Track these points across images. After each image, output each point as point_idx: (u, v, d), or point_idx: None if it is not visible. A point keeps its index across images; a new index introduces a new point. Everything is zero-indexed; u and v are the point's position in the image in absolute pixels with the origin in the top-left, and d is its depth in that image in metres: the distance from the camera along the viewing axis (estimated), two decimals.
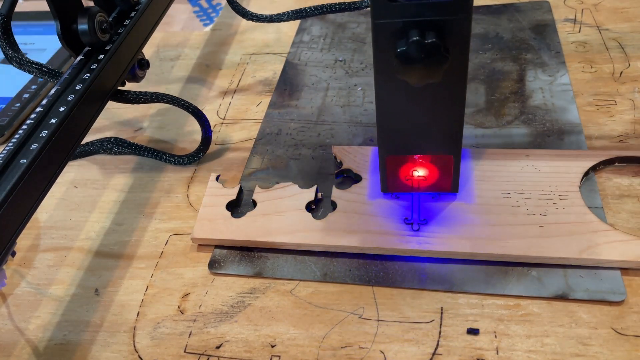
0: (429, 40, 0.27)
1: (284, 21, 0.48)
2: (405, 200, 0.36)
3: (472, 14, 0.27)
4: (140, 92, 0.41)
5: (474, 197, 0.36)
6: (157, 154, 0.43)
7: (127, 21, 0.42)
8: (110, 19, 0.41)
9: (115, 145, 0.44)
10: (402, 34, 0.28)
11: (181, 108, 0.41)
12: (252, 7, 0.60)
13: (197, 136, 0.45)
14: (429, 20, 0.27)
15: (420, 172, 0.35)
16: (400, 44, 0.28)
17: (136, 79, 0.43)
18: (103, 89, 0.38)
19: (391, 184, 0.36)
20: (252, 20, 0.49)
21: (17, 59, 0.39)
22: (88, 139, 0.44)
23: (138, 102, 0.41)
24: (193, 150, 0.43)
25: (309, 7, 0.46)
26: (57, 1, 0.36)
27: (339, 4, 0.46)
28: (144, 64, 0.44)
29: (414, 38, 0.27)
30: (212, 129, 0.43)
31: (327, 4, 0.46)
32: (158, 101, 0.41)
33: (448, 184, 0.35)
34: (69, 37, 0.38)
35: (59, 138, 0.33)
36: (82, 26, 0.37)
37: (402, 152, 0.34)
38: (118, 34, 0.40)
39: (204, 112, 0.45)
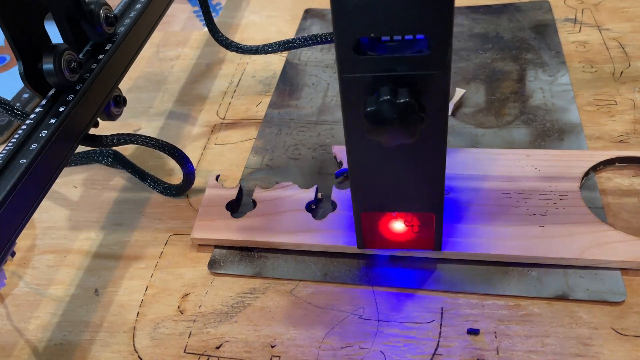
0: (402, 100, 0.24)
1: (270, 53, 0.45)
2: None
3: (450, 68, 0.24)
4: (113, 135, 0.37)
5: (473, 195, 0.35)
6: (145, 179, 0.41)
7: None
8: (82, 54, 0.37)
9: (109, 159, 0.42)
10: (372, 90, 0.25)
11: (157, 149, 0.38)
12: (252, 7, 0.60)
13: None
14: (401, 75, 0.25)
15: (399, 229, 0.33)
16: (370, 102, 0.25)
17: (111, 117, 0.39)
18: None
19: (368, 241, 0.33)
20: (237, 51, 0.46)
21: None
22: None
23: (112, 146, 0.38)
24: (179, 184, 0.41)
25: (298, 38, 0.42)
26: (20, 38, 0.32)
27: (330, 34, 0.41)
28: (120, 102, 0.40)
29: (385, 97, 0.24)
30: (194, 168, 0.40)
31: (317, 34, 0.42)
32: (133, 143, 0.38)
33: (430, 242, 0.33)
34: (33, 77, 0.33)
35: (59, 137, 0.33)
36: (48, 65, 0.33)
37: (379, 209, 0.31)
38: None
39: (203, 112, 0.45)
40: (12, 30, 0.32)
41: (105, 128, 0.48)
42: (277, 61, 0.52)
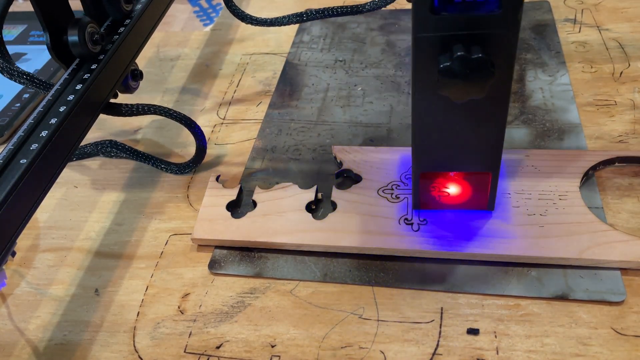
0: (476, 56, 0.26)
1: (284, 25, 0.47)
2: (404, 200, 0.36)
3: (519, 28, 0.26)
4: (132, 104, 0.40)
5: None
6: (154, 161, 0.43)
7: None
8: (102, 29, 0.39)
9: (113, 149, 0.43)
10: (445, 48, 0.26)
11: (173, 120, 0.40)
12: (252, 7, 0.60)
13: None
14: (474, 34, 0.26)
15: (454, 190, 0.34)
16: (444, 59, 0.26)
17: (129, 90, 0.42)
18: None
19: (424, 201, 0.35)
20: (252, 24, 0.48)
21: (8, 69, 0.38)
22: (90, 135, 0.44)
23: (130, 115, 0.39)
24: (190, 156, 0.42)
25: (310, 10, 0.45)
26: (47, 12, 0.35)
27: (341, 7, 0.45)
28: (137, 75, 0.42)
29: (460, 53, 0.26)
30: (206, 138, 0.42)
31: (328, 7, 0.45)
32: (151, 113, 0.40)
33: (484, 202, 0.34)
34: (58, 48, 0.36)
35: (59, 137, 0.33)
36: (73, 37, 0.36)
37: (438, 168, 0.33)
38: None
39: (202, 112, 0.45)
40: (40, 5, 0.35)
41: (105, 128, 0.49)
42: (277, 61, 0.52)
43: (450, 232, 0.34)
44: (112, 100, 0.39)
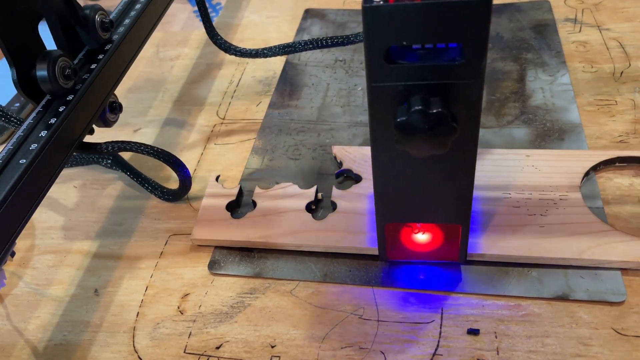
0: (435, 110, 0.24)
1: (269, 56, 0.44)
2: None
3: (484, 78, 0.24)
4: (108, 142, 0.36)
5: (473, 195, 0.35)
6: (143, 183, 0.41)
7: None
8: (77, 61, 0.36)
9: (111, 162, 0.42)
10: (403, 99, 0.24)
11: (152, 157, 0.37)
12: (252, 7, 0.60)
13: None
14: (432, 84, 0.24)
15: (423, 240, 0.32)
16: (401, 113, 0.24)
17: (107, 124, 0.38)
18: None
19: (390, 252, 0.33)
20: (236, 55, 0.45)
21: None
22: (89, 138, 0.44)
23: (107, 154, 0.37)
24: (176, 189, 0.40)
25: (299, 42, 0.42)
26: (13, 44, 0.31)
27: (332, 38, 0.41)
28: (116, 108, 0.39)
29: (417, 107, 0.24)
30: (190, 174, 0.39)
31: (318, 39, 0.41)
32: (128, 150, 0.37)
33: (454, 254, 0.32)
34: (26, 84, 0.33)
35: (59, 137, 0.33)
36: (42, 72, 0.32)
37: (403, 220, 0.31)
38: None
39: (203, 112, 0.45)
40: (4, 36, 0.31)
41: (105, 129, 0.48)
42: (277, 61, 0.52)
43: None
44: (88, 138, 0.36)
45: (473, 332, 0.30)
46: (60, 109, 0.33)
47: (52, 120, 0.32)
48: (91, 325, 0.34)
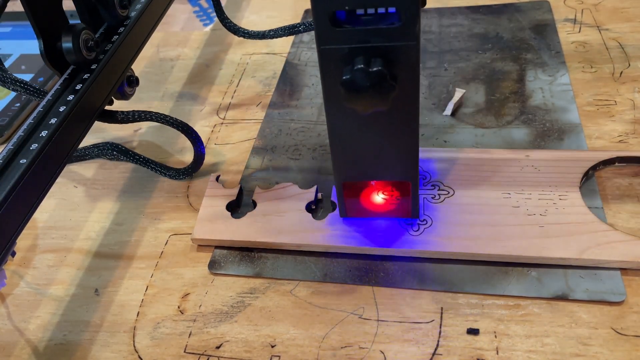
0: (375, 68, 0.26)
1: (276, 37, 0.46)
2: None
3: (419, 40, 0.26)
4: (128, 111, 0.39)
5: (473, 195, 0.35)
6: (152, 166, 0.42)
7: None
8: (97, 35, 0.39)
9: (114, 152, 0.43)
10: (347, 60, 0.27)
11: (172, 127, 0.40)
12: (252, 7, 0.60)
13: None
14: (375, 46, 0.26)
15: (379, 197, 0.34)
16: (346, 72, 0.27)
17: (125, 96, 0.41)
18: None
19: (350, 209, 0.35)
20: (244, 37, 0.47)
21: (1, 77, 0.38)
22: (89, 137, 0.44)
23: (126, 122, 0.39)
24: (189, 160, 0.42)
25: (304, 22, 0.44)
26: (41, 18, 0.34)
27: None
28: (133, 81, 0.42)
29: (359, 66, 0.26)
30: (204, 142, 0.41)
31: None
32: (147, 120, 0.39)
33: (408, 209, 0.34)
34: (52, 55, 0.36)
35: (59, 137, 0.33)
36: (67, 44, 0.35)
37: (358, 178, 0.33)
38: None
39: (202, 113, 0.45)
40: (33, 11, 0.34)
41: (105, 128, 0.49)
42: (277, 61, 0.52)
43: (450, 232, 0.34)
44: (107, 107, 0.39)
45: (473, 331, 0.31)
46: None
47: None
48: (91, 325, 0.34)
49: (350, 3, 0.26)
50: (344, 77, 0.27)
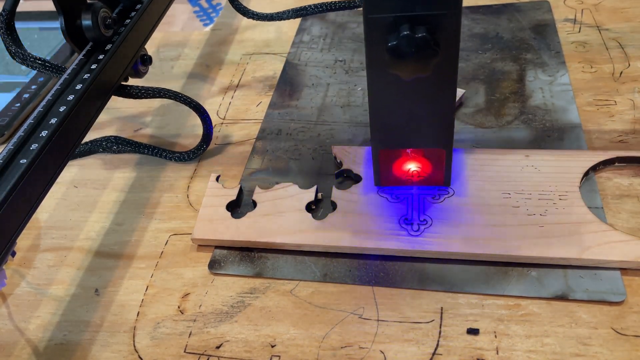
0: (419, 35, 0.28)
1: (284, 19, 0.48)
2: (404, 200, 0.36)
3: (461, 9, 0.28)
4: (143, 87, 0.41)
5: (473, 195, 0.36)
6: (157, 151, 0.43)
7: (130, 17, 0.42)
8: (114, 14, 0.41)
9: (115, 144, 0.44)
10: (393, 28, 0.28)
11: (183, 103, 0.41)
12: (252, 6, 0.60)
13: (198, 133, 0.45)
14: (419, 15, 0.28)
15: (413, 166, 0.36)
16: (392, 39, 0.28)
17: (139, 74, 0.43)
18: (107, 84, 0.38)
19: (384, 178, 0.37)
20: (253, 18, 0.50)
21: (21, 55, 0.40)
22: (89, 136, 0.44)
23: (141, 97, 0.41)
24: (194, 147, 0.43)
25: (310, 6, 0.46)
26: None
27: (340, 2, 0.46)
28: (147, 60, 0.44)
29: (405, 32, 0.28)
30: (213, 126, 0.43)
31: (327, 2, 0.46)
32: (161, 96, 0.41)
33: (441, 178, 0.36)
34: (72, 32, 0.38)
35: (59, 137, 0.33)
36: (86, 22, 0.38)
37: (395, 146, 0.35)
38: (122, 29, 0.40)
39: None
40: None
41: (105, 128, 0.49)
42: (277, 61, 0.52)
43: (451, 232, 0.34)
44: (123, 83, 0.41)
45: (473, 331, 0.31)
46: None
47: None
48: (91, 324, 0.34)
49: None
50: (390, 44, 0.28)
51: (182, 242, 0.38)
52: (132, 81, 0.43)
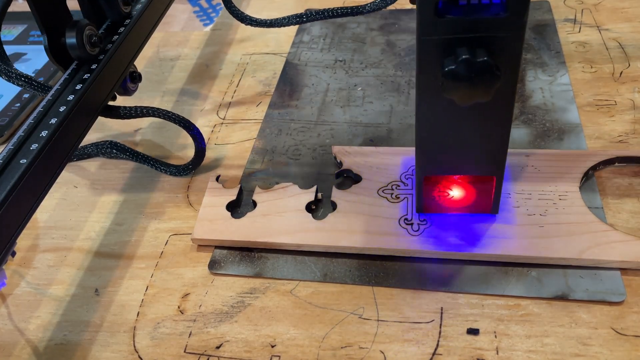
0: (481, 59, 0.25)
1: (283, 26, 0.47)
2: (404, 200, 0.36)
3: (525, 31, 0.26)
4: (130, 107, 0.39)
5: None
6: (153, 163, 0.42)
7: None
8: (101, 31, 0.39)
9: (113, 150, 0.43)
10: (449, 51, 0.26)
11: (172, 122, 0.40)
12: (252, 7, 0.60)
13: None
14: (479, 37, 0.26)
15: (458, 193, 0.34)
16: (449, 62, 0.26)
17: (128, 92, 0.41)
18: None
19: (427, 205, 0.34)
20: (251, 24, 0.48)
21: (5, 71, 0.38)
22: (89, 137, 0.44)
23: (129, 117, 0.39)
24: (190, 158, 0.42)
25: (310, 11, 0.45)
26: (44, 14, 0.35)
27: (341, 8, 0.44)
28: (136, 77, 0.42)
29: (464, 56, 0.25)
30: (205, 139, 0.42)
31: (328, 8, 0.45)
32: (149, 115, 0.39)
33: (488, 205, 0.34)
34: (56, 51, 0.36)
35: (57, 140, 0.33)
36: (71, 40, 0.36)
37: (442, 172, 0.33)
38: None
39: (202, 112, 0.45)
40: (37, 7, 0.34)
41: (105, 129, 0.49)
42: (277, 61, 0.52)
43: (451, 232, 0.34)
44: (110, 103, 0.39)
45: (473, 331, 0.31)
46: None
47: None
48: (91, 325, 0.34)
49: None
50: (447, 68, 0.26)
51: (182, 242, 0.38)
52: (120, 99, 0.41)
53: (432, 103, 0.29)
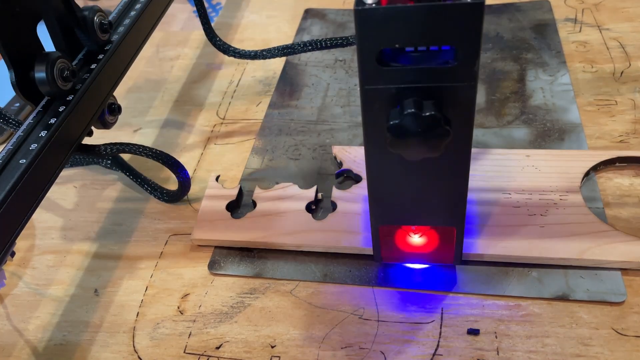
0: (428, 113, 0.23)
1: (269, 58, 0.44)
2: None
3: (477, 80, 0.23)
4: (106, 145, 0.36)
5: (473, 196, 0.35)
6: (142, 182, 0.41)
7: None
8: (75, 62, 0.36)
9: (111, 162, 0.42)
10: (395, 102, 0.24)
11: (152, 159, 0.37)
12: (251, 7, 0.60)
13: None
14: (426, 87, 0.24)
15: (417, 243, 0.32)
16: (393, 115, 0.24)
17: (106, 125, 0.38)
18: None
19: (385, 254, 0.33)
20: (235, 56, 0.46)
21: None
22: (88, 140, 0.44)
23: (105, 157, 0.37)
24: (173, 191, 0.40)
25: (298, 43, 0.42)
26: (11, 46, 0.31)
27: (331, 39, 0.41)
28: (115, 109, 0.38)
29: (409, 110, 0.23)
30: (189, 176, 0.39)
31: (318, 40, 0.42)
32: (126, 152, 0.37)
33: (449, 256, 0.32)
34: (25, 86, 0.32)
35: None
36: (40, 74, 0.32)
37: (397, 222, 0.31)
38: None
39: (204, 110, 0.45)
40: (3, 38, 0.31)
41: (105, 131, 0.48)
42: (277, 61, 0.52)
43: None
44: (86, 140, 0.36)
45: (473, 332, 0.30)
46: (60, 109, 0.33)
47: (52, 121, 0.32)
48: (91, 325, 0.34)
49: (401, 40, 0.23)
50: (391, 122, 0.24)
51: (182, 242, 0.38)
52: (98, 133, 0.38)
53: (381, 155, 0.27)
